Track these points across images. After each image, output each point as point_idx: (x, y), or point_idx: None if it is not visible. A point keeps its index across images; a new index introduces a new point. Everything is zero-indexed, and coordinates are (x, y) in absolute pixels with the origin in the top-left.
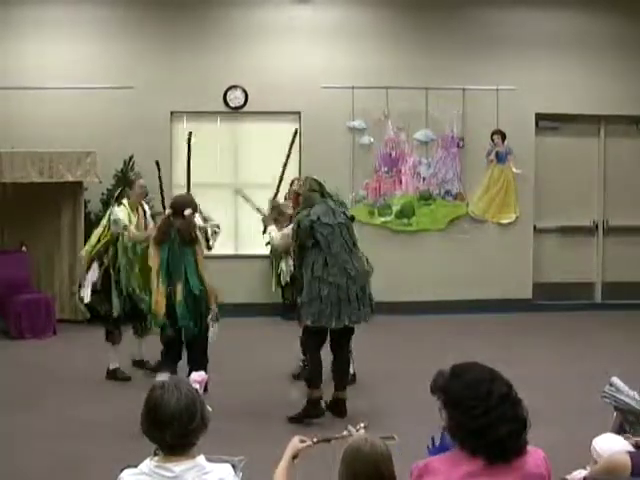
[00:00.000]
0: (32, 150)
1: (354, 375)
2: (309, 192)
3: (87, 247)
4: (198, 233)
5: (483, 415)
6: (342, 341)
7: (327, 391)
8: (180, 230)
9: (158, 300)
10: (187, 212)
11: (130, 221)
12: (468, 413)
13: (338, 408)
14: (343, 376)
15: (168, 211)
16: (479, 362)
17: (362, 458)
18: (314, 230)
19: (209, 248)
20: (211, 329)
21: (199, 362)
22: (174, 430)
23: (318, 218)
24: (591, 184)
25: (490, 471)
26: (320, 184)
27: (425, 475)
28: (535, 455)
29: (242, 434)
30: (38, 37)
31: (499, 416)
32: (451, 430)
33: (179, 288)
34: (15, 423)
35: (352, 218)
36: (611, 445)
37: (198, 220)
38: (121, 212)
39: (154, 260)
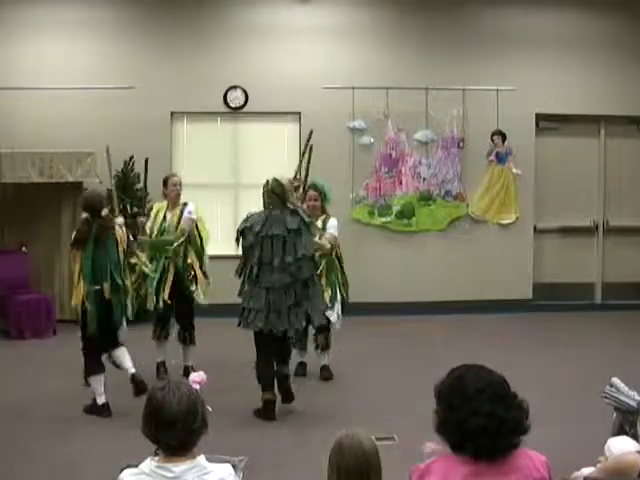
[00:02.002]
0: (32, 150)
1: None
2: (271, 193)
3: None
4: (117, 227)
5: (482, 415)
6: (279, 344)
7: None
8: (100, 228)
9: (82, 300)
10: (104, 213)
11: (155, 220)
12: (466, 414)
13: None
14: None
15: (85, 214)
16: (477, 363)
17: (344, 451)
18: (243, 237)
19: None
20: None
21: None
22: (176, 431)
23: (251, 226)
24: (591, 184)
25: (490, 472)
26: (280, 191)
27: (426, 476)
28: (536, 459)
29: (241, 434)
30: (38, 37)
31: (494, 415)
32: (449, 432)
33: (106, 287)
34: (15, 423)
35: (308, 225)
36: (625, 446)
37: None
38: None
39: (76, 262)
